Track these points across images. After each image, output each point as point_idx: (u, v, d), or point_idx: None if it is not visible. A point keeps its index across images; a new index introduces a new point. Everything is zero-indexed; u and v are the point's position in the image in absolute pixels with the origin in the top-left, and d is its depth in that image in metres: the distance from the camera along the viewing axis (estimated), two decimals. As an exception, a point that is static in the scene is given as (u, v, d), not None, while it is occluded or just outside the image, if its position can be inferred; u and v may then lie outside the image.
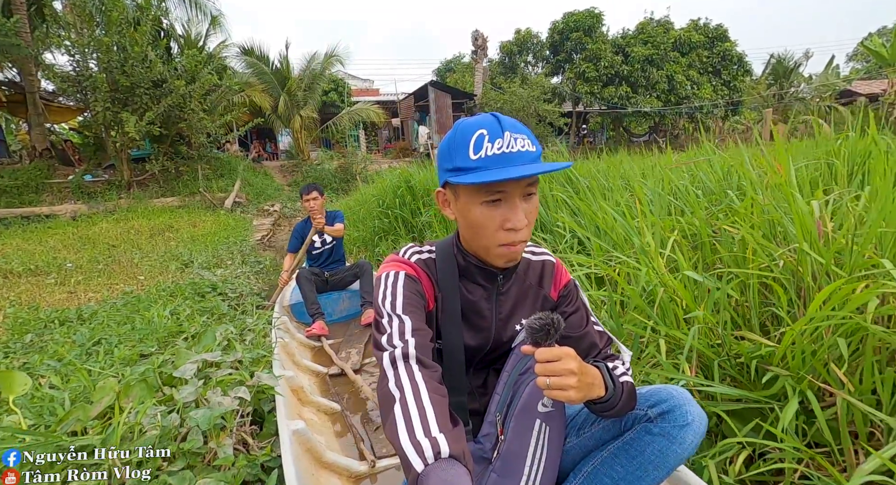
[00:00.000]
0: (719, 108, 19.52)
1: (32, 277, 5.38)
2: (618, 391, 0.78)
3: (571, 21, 18.57)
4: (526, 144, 0.75)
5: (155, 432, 1.16)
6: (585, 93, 18.09)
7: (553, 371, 0.67)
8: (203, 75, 10.22)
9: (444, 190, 0.85)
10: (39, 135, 11.22)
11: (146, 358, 1.84)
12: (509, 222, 0.76)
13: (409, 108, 18.41)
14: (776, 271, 1.21)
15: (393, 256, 0.90)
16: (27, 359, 1.96)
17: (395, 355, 0.72)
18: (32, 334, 2.53)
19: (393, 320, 0.77)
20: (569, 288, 0.94)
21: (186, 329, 2.19)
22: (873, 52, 21.01)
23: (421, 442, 0.61)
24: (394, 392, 0.68)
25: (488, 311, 0.89)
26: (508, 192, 0.75)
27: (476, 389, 0.93)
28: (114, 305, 3.11)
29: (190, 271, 4.91)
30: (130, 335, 2.17)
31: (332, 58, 14.36)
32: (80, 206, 10.12)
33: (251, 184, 12.48)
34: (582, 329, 0.90)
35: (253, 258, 5.62)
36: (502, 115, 0.76)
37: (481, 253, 0.84)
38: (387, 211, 4.68)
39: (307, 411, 1.74)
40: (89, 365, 1.73)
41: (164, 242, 7.76)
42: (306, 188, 3.15)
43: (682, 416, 0.77)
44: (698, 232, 1.63)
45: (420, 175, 4.76)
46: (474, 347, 0.89)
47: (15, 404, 1.38)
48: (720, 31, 19.33)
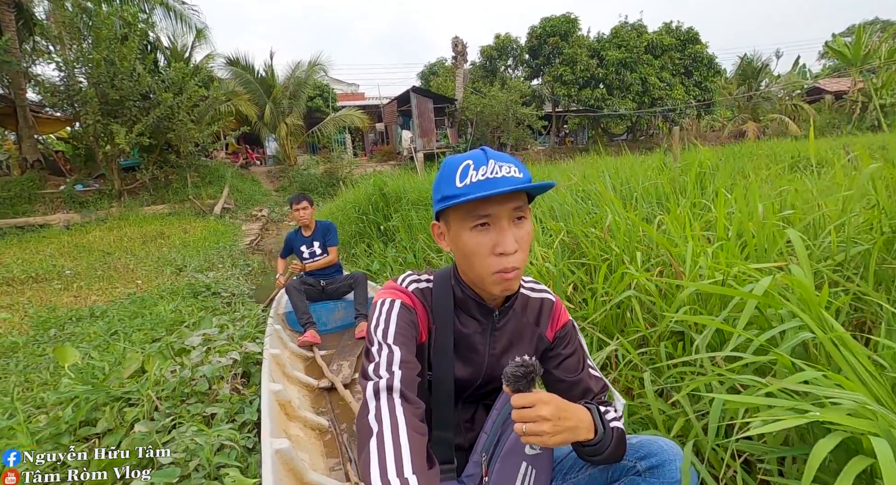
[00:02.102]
0: (691, 109, 20.32)
1: (35, 284, 5.81)
2: (608, 435, 0.77)
3: (548, 26, 19.20)
4: (512, 171, 0.76)
5: (174, 380, 1.70)
6: (563, 95, 18.75)
7: (526, 418, 0.68)
8: (190, 87, 10.63)
9: (438, 223, 0.86)
10: (30, 146, 11.53)
11: (157, 341, 2.36)
12: (499, 247, 0.75)
13: (392, 113, 18.93)
14: (605, 262, 1.79)
15: (391, 282, 0.90)
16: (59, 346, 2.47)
17: (379, 386, 0.72)
18: (55, 329, 3.03)
19: (382, 350, 0.77)
20: (566, 329, 0.92)
21: (187, 319, 2.71)
22: (837, 52, 22.00)
23: (391, 481, 0.61)
24: (372, 425, 0.68)
25: (482, 345, 0.88)
26: (495, 215, 0.75)
27: (463, 423, 0.92)
28: (121, 304, 3.61)
29: (184, 275, 5.38)
30: (142, 325, 2.68)
31: (315, 66, 14.82)
32: (72, 215, 10.47)
33: (239, 190, 12.89)
34: (577, 374, 0.89)
35: (242, 261, 6.11)
36: (490, 149, 0.79)
37: (477, 283, 0.83)
38: (361, 215, 5.21)
39: (294, 426, 1.72)
40: (110, 351, 2.25)
41: (157, 248, 8.16)
42: (296, 198, 3.22)
43: (671, 473, 0.76)
44: (575, 235, 2.19)
45: (392, 183, 5.28)
46: (465, 380, 0.88)
47: (68, 370, 1.90)
48: (691, 33, 20.13)
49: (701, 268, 1.24)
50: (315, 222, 3.30)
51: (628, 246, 1.72)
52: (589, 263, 1.88)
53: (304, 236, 3.27)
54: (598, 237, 1.91)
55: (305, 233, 3.28)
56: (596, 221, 2.16)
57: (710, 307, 1.23)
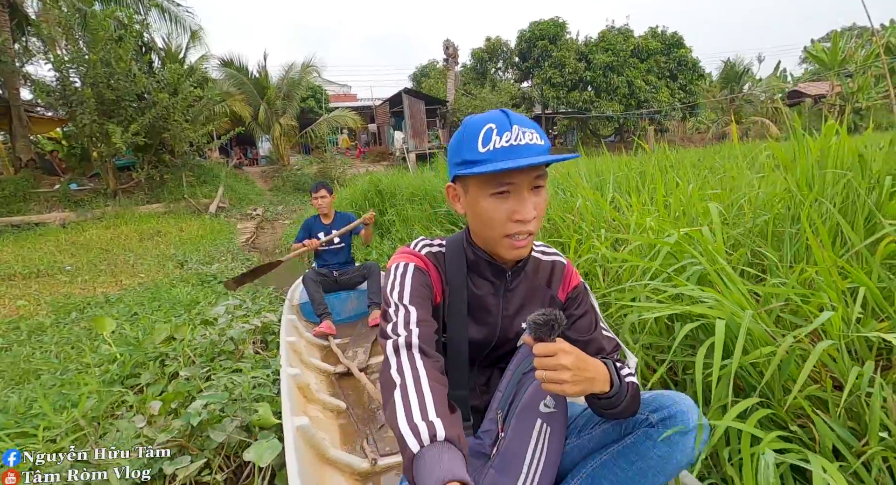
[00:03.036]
0: (676, 111, 20.88)
1: (40, 278, 5.97)
2: (623, 389, 0.79)
3: (537, 30, 19.64)
4: (534, 138, 0.76)
5: (205, 342, 1.96)
6: (552, 97, 19.19)
7: (548, 366, 0.70)
8: (185, 88, 10.80)
9: (454, 185, 0.86)
10: (24, 146, 11.58)
11: (179, 317, 2.62)
12: (518, 214, 0.76)
13: (385, 114, 19.18)
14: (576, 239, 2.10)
15: (404, 248, 0.92)
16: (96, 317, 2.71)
17: (398, 343, 0.74)
18: (75, 312, 3.25)
19: (399, 310, 0.79)
20: (578, 290, 0.94)
21: (202, 300, 2.97)
22: (815, 57, 22.74)
23: (418, 425, 0.63)
24: (395, 378, 0.70)
25: (495, 306, 0.90)
26: (517, 183, 0.75)
27: (479, 386, 0.94)
28: (135, 290, 3.84)
29: (186, 269, 5.59)
30: (160, 307, 2.93)
31: (308, 68, 15.03)
32: (68, 214, 10.55)
33: (234, 189, 13.05)
34: (590, 333, 0.91)
35: (242, 256, 6.33)
36: (511, 111, 0.78)
37: (490, 245, 0.84)
38: (359, 211, 5.47)
39: (312, 408, 1.78)
40: (138, 325, 2.51)
41: (155, 245, 8.32)
42: (315, 186, 3.26)
43: (684, 422, 0.77)
44: (555, 221, 2.49)
45: (387, 180, 5.56)
46: (479, 342, 0.90)
47: (106, 338, 2.16)
48: (676, 38, 20.72)
49: (643, 232, 1.56)
50: (334, 212, 3.32)
51: (595, 225, 2.02)
52: (563, 241, 2.19)
53: (322, 224, 3.29)
54: (572, 220, 2.22)
55: (325, 221, 3.29)
56: (571, 208, 2.47)
57: (646, 256, 1.55)
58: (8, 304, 4.11)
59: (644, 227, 1.57)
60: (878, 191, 1.29)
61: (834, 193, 1.31)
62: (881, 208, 1.22)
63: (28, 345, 2.55)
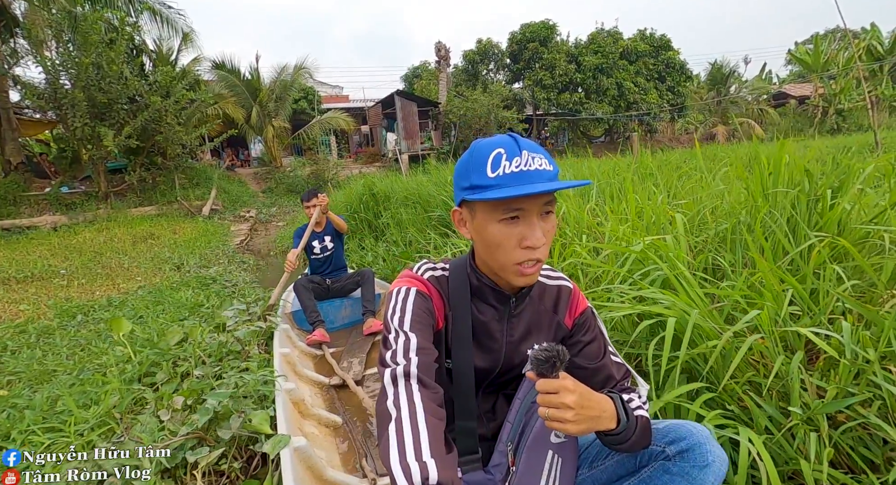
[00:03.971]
0: (665, 113, 21.23)
1: (36, 282, 6.01)
2: (631, 425, 0.77)
3: (528, 32, 19.85)
4: (543, 163, 0.75)
5: (215, 343, 2.09)
6: (543, 99, 19.42)
7: (550, 403, 0.69)
8: (177, 90, 10.82)
9: (460, 209, 0.85)
10: (14, 149, 11.52)
11: (185, 320, 2.74)
12: (527, 240, 0.75)
13: (377, 116, 19.28)
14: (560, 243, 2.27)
15: (407, 271, 0.91)
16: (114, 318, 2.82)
17: (396, 373, 0.73)
18: (81, 315, 3.35)
19: (399, 337, 0.78)
20: (585, 316, 0.92)
21: (206, 303, 3.08)
22: (798, 59, 23.25)
23: (410, 465, 0.62)
24: (391, 410, 0.69)
25: (499, 333, 0.89)
26: (526, 209, 0.75)
27: (485, 414, 0.92)
28: (136, 294, 3.93)
29: (183, 272, 5.68)
30: (165, 310, 3.04)
31: (301, 70, 15.08)
32: (59, 217, 10.52)
33: (227, 191, 13.08)
34: (598, 360, 0.89)
35: (238, 259, 6.42)
36: (519, 136, 0.78)
37: (497, 272, 0.82)
38: (354, 214, 5.61)
39: (308, 424, 1.74)
40: (148, 327, 2.62)
41: (148, 248, 8.36)
42: (306, 195, 3.22)
43: (702, 456, 0.75)
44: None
45: (381, 184, 5.69)
46: (484, 369, 0.88)
47: (122, 339, 2.28)
48: (664, 40, 21.07)
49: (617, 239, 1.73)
50: (325, 218, 3.24)
51: (578, 230, 2.19)
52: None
53: (315, 232, 3.23)
54: (557, 225, 2.39)
55: (317, 229, 3.24)
56: (557, 212, 2.64)
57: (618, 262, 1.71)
58: (9, 308, 4.18)
59: (618, 235, 1.73)
60: (822, 202, 1.46)
61: (785, 204, 1.48)
62: (823, 217, 1.39)
63: (38, 347, 2.65)
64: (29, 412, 1.61)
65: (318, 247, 3.23)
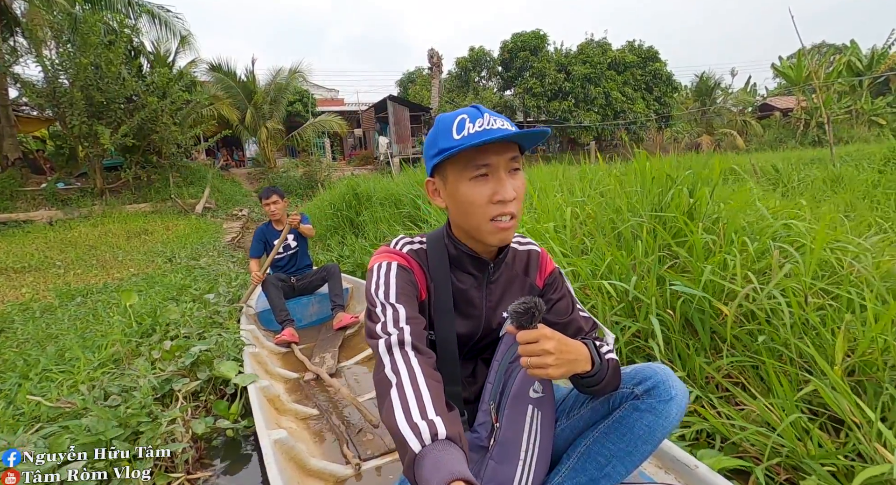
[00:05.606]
0: (652, 122, 21.84)
1: (34, 272, 6.32)
2: (604, 366, 0.82)
3: (519, 41, 20.42)
4: (505, 124, 0.79)
5: (201, 315, 2.47)
6: (533, 107, 19.96)
7: (532, 352, 0.72)
8: (174, 91, 11.17)
9: (433, 179, 0.87)
10: (12, 145, 11.80)
11: (175, 300, 3.10)
12: (498, 195, 0.78)
13: (370, 119, 19.72)
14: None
15: (384, 247, 0.92)
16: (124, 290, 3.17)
17: (390, 342, 0.75)
18: (80, 297, 3.70)
19: (387, 309, 0.79)
20: (554, 276, 0.98)
21: (192, 285, 3.45)
22: (782, 73, 23.99)
23: (418, 424, 0.63)
24: (390, 377, 0.71)
25: (479, 299, 0.92)
26: (493, 165, 0.78)
27: (465, 378, 0.95)
28: (130, 280, 4.28)
29: (174, 263, 6.01)
30: (158, 292, 3.41)
31: (296, 73, 15.49)
32: (55, 212, 10.81)
33: (220, 190, 13.39)
34: (568, 315, 0.94)
35: (228, 253, 6.77)
36: (482, 105, 0.81)
37: (474, 234, 0.84)
38: (337, 212, 5.98)
39: (285, 419, 1.75)
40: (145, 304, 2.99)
41: (142, 243, 8.66)
42: (265, 192, 3.11)
43: (665, 391, 0.82)
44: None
45: (364, 185, 6.07)
46: (465, 336, 0.92)
47: (129, 308, 2.64)
48: (651, 52, 21.71)
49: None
50: (286, 216, 3.15)
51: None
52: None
53: (276, 230, 3.17)
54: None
55: (277, 227, 3.18)
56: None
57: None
58: (11, 292, 4.51)
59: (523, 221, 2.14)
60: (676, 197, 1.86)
61: (648, 201, 1.89)
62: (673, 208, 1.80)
63: (43, 320, 3.00)
64: (43, 359, 1.98)
65: (280, 246, 3.13)
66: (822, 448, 1.09)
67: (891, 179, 3.73)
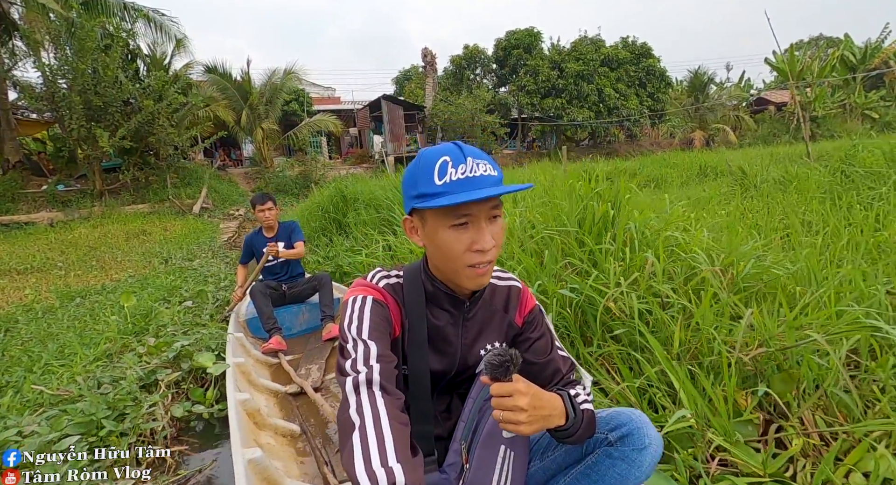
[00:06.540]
0: (645, 118, 22.00)
1: (37, 273, 6.61)
2: (578, 420, 0.81)
3: (513, 39, 20.57)
4: (488, 169, 0.78)
5: (187, 317, 2.75)
6: (527, 103, 20.14)
7: (504, 406, 0.71)
8: (170, 94, 11.41)
9: (411, 217, 0.86)
10: (12, 147, 12.06)
11: (166, 300, 3.38)
12: (477, 244, 0.78)
13: (365, 118, 19.93)
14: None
15: (361, 280, 0.91)
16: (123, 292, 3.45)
17: (358, 381, 0.73)
18: (79, 298, 3.98)
19: (358, 345, 0.78)
20: (534, 314, 0.96)
21: (182, 286, 3.72)
22: (775, 67, 24.09)
23: (376, 472, 0.62)
24: (354, 419, 0.69)
25: (454, 336, 0.91)
26: (474, 214, 0.78)
27: (439, 413, 0.94)
28: (126, 281, 4.56)
29: (170, 265, 6.29)
30: (151, 294, 3.69)
31: (290, 74, 15.69)
32: (56, 213, 11.09)
33: (217, 190, 13.64)
34: (546, 356, 0.93)
35: (222, 253, 7.05)
36: (463, 144, 0.80)
37: (450, 277, 0.85)
38: (325, 214, 6.24)
39: (265, 435, 1.70)
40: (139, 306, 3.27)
41: (140, 243, 8.94)
42: (260, 198, 3.10)
43: (640, 439, 0.82)
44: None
45: (351, 187, 6.33)
46: (440, 372, 0.91)
47: (125, 309, 2.91)
48: (645, 48, 21.83)
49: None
50: (278, 223, 3.19)
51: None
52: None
53: (266, 237, 3.15)
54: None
55: (268, 234, 3.17)
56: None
57: None
58: (14, 294, 4.80)
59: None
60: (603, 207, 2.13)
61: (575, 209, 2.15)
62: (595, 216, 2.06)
63: (45, 320, 3.28)
64: (45, 355, 2.26)
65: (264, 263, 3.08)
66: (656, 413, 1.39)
67: (837, 181, 3.98)
